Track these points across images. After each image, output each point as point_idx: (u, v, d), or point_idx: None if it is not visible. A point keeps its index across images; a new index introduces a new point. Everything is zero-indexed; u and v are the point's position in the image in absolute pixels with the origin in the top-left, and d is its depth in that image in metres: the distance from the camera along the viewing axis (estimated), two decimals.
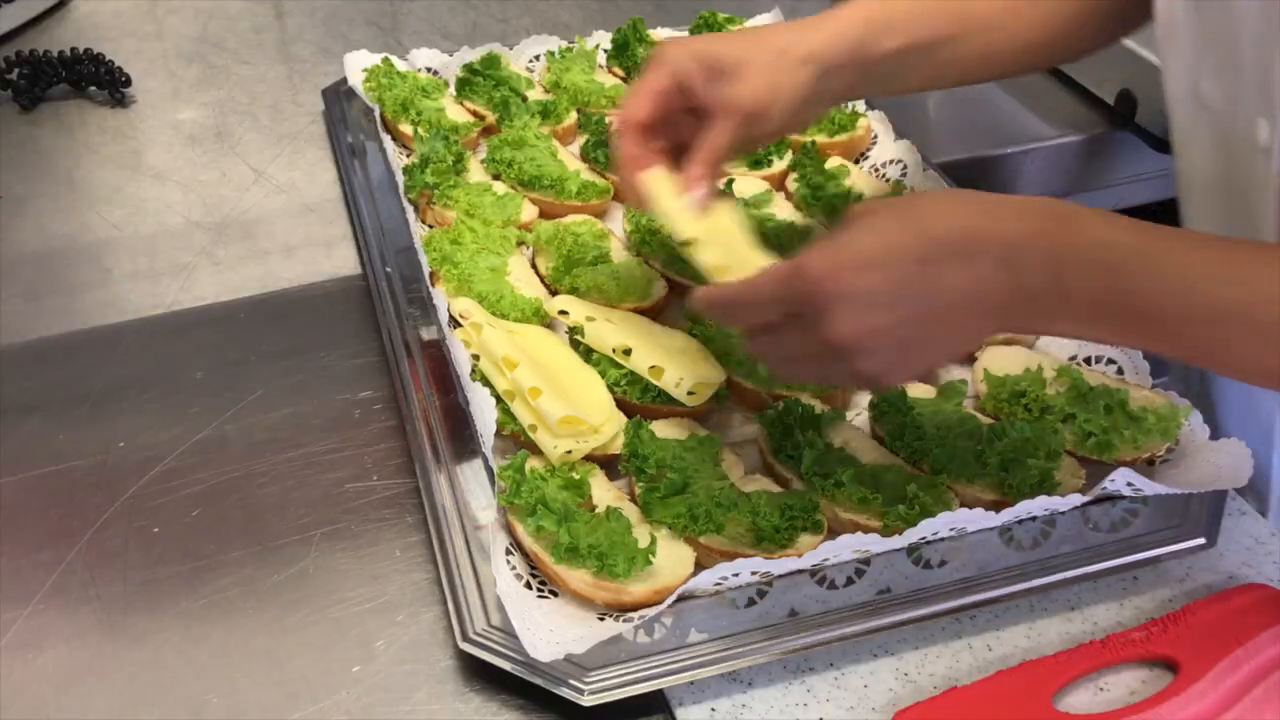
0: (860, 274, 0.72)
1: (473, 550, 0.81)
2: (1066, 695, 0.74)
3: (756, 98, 0.88)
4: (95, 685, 0.77)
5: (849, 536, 0.77)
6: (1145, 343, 0.76)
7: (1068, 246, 0.72)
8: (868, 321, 0.72)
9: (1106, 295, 0.71)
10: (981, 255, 0.72)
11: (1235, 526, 0.85)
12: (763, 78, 0.88)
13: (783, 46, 0.89)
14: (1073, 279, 0.71)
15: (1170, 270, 0.71)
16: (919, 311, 0.73)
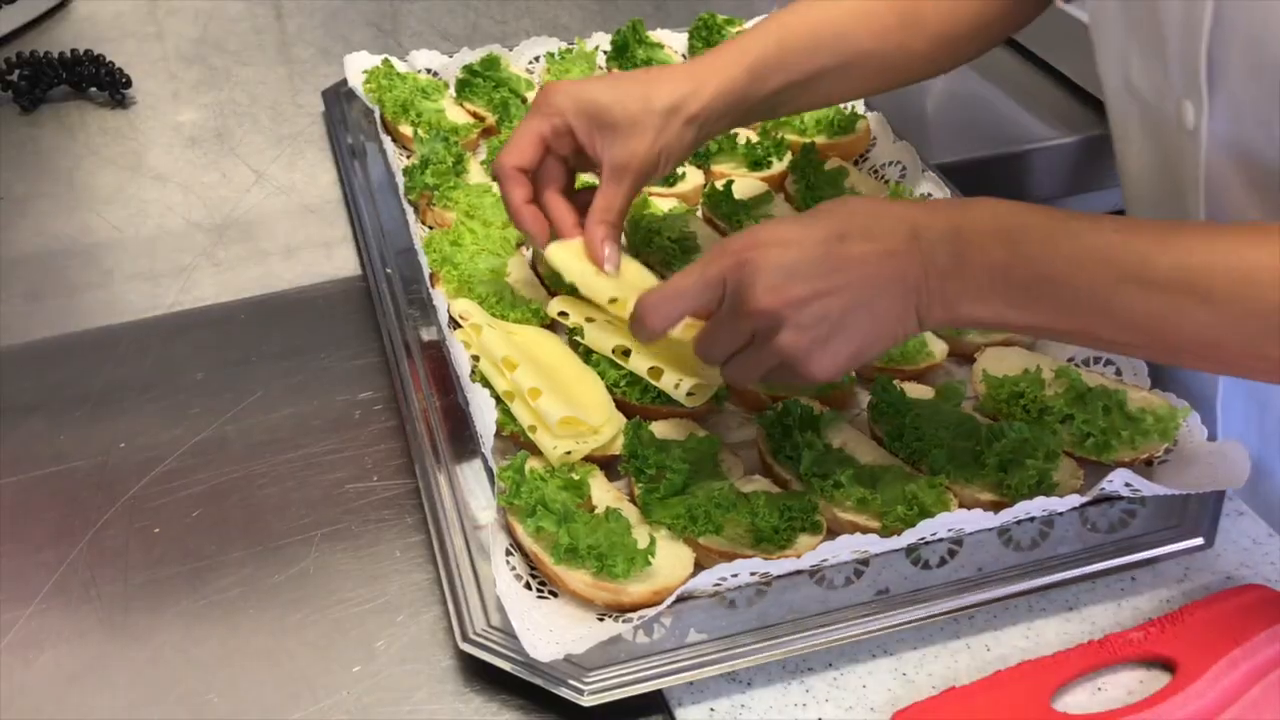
0: (775, 249, 0.76)
1: (472, 551, 0.81)
2: (1065, 695, 0.74)
3: (647, 159, 0.92)
4: (96, 685, 0.77)
5: (848, 537, 0.77)
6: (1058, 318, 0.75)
7: (969, 221, 0.76)
8: (786, 291, 0.75)
9: (1010, 264, 0.74)
10: (887, 234, 0.76)
11: (1233, 527, 0.85)
12: (651, 139, 0.91)
13: (670, 105, 0.92)
14: (975, 251, 0.74)
15: (1075, 234, 0.73)
16: (834, 283, 0.75)
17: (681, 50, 1.45)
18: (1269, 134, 0.82)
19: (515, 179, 0.93)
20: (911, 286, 0.75)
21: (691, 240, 1.10)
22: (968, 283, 0.75)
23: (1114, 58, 0.95)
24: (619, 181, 0.92)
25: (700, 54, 1.00)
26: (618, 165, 0.92)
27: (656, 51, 1.40)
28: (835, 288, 0.75)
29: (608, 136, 0.91)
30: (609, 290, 0.91)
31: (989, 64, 1.19)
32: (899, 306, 0.76)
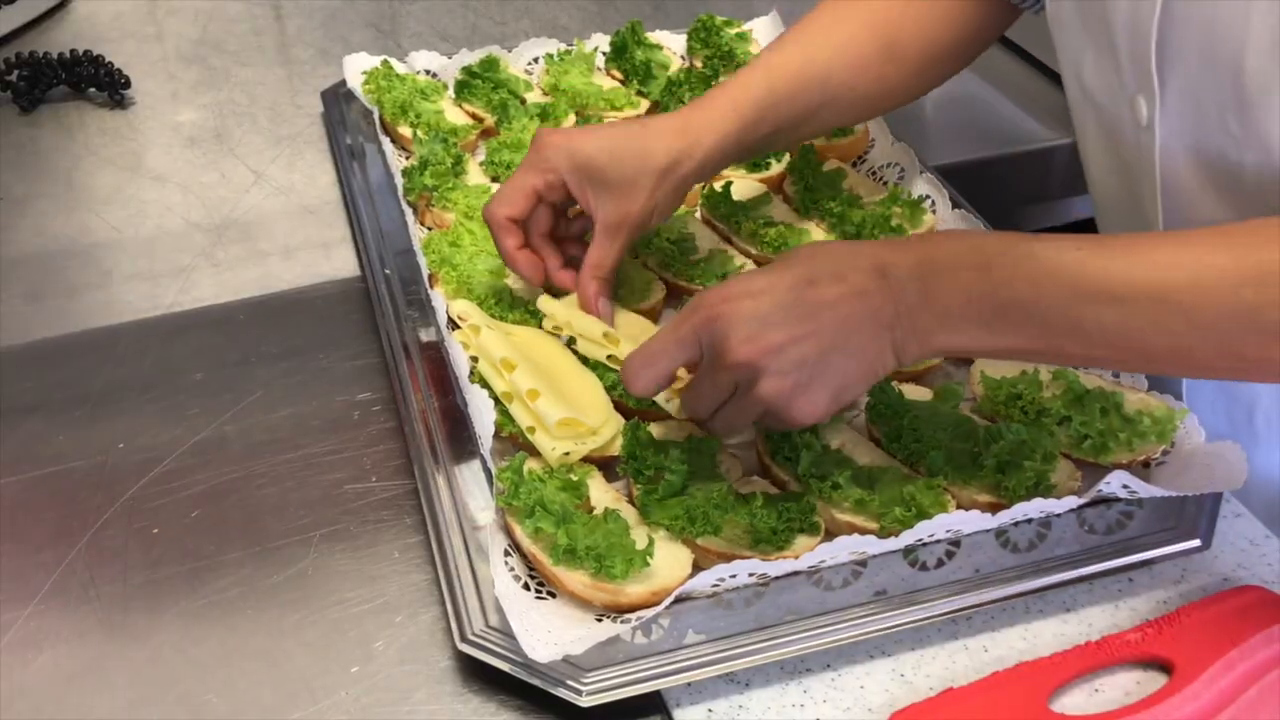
0: (746, 300, 0.78)
1: (471, 551, 0.81)
2: (1062, 696, 0.74)
3: (641, 217, 0.95)
4: (95, 685, 0.77)
5: (846, 538, 0.77)
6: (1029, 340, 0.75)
7: (934, 254, 0.77)
8: (762, 340, 0.76)
9: (978, 291, 0.74)
10: (855, 275, 0.77)
11: (1230, 529, 0.86)
12: (645, 198, 0.94)
13: (664, 165, 0.94)
14: (943, 282, 0.75)
15: (1038, 256, 0.74)
16: (808, 328, 0.76)
17: (680, 51, 1.45)
18: (1220, 125, 0.83)
19: (507, 228, 0.96)
20: (885, 324, 0.76)
21: (690, 242, 1.10)
22: (939, 314, 0.75)
23: (1070, 58, 0.96)
24: (612, 239, 0.95)
25: (694, 100, 1.01)
26: (612, 224, 0.94)
27: (655, 52, 1.40)
28: (810, 332, 0.76)
29: (602, 195, 0.94)
30: (599, 328, 0.94)
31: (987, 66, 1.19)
32: (875, 345, 0.77)
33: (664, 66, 1.39)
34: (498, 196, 0.96)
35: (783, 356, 0.76)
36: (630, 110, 1.32)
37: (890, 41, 1.02)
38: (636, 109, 1.33)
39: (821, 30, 1.02)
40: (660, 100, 1.32)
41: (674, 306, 1.05)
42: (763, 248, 1.10)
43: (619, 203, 0.94)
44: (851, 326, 0.76)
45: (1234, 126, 0.81)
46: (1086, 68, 0.94)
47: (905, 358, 0.77)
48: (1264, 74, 0.78)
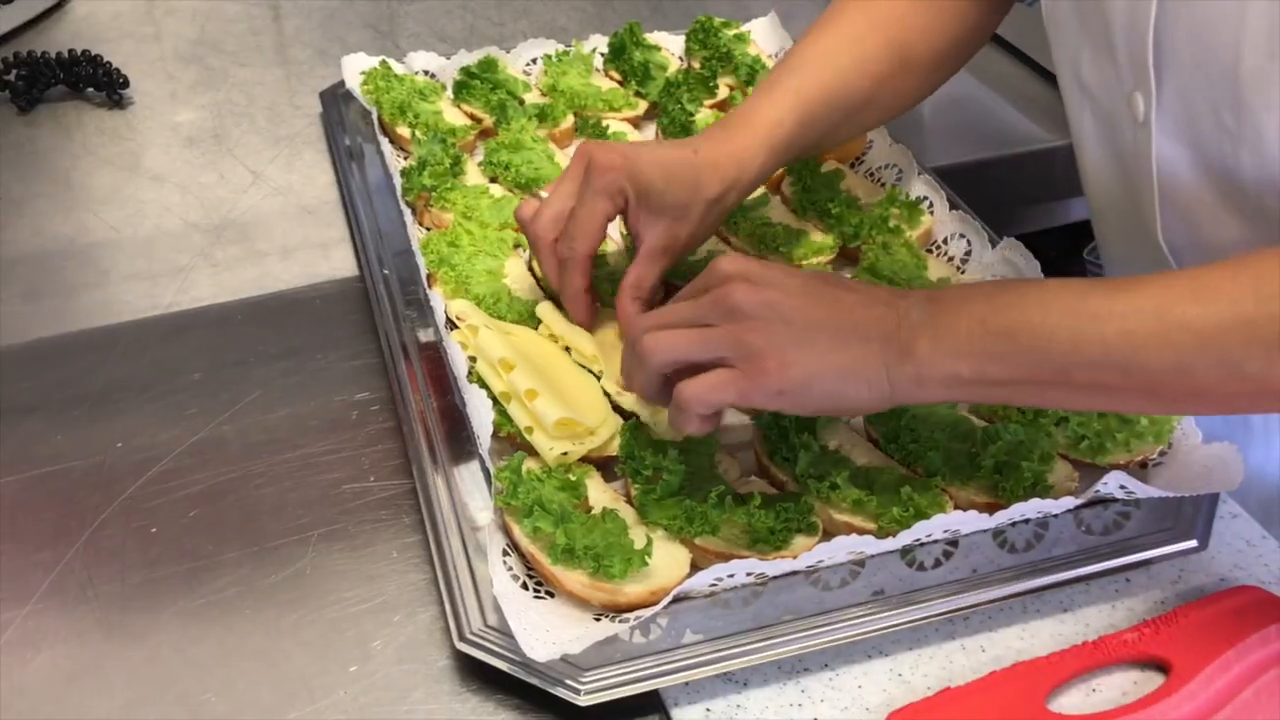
0: (766, 267, 0.79)
1: (469, 551, 0.81)
2: (1059, 696, 0.75)
3: (688, 243, 0.97)
4: (93, 685, 0.77)
5: (844, 538, 0.77)
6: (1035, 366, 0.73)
7: (945, 292, 0.78)
8: (766, 293, 0.76)
9: (981, 316, 0.73)
10: (868, 291, 0.79)
11: (1227, 529, 0.86)
12: (693, 225, 0.96)
13: (716, 196, 0.96)
14: (950, 308, 0.75)
15: (1045, 286, 0.74)
16: (811, 306, 0.76)
17: (678, 52, 1.45)
18: (1216, 122, 0.83)
19: (585, 267, 0.95)
20: (880, 337, 0.75)
21: None
22: (944, 337, 0.74)
23: (1066, 56, 0.97)
24: (656, 261, 0.95)
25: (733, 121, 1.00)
26: (658, 248, 0.95)
27: (653, 53, 1.40)
28: (809, 306, 0.77)
29: (653, 219, 0.94)
30: (590, 347, 0.96)
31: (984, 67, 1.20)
32: (863, 352, 0.75)
33: (662, 67, 1.39)
34: (574, 233, 0.93)
35: (775, 308, 0.76)
36: (628, 111, 1.32)
37: (904, 52, 1.03)
38: (635, 110, 1.33)
39: (843, 47, 1.02)
40: (659, 101, 1.32)
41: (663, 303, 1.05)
42: (761, 248, 1.10)
43: (669, 227, 0.94)
44: (849, 324, 0.76)
45: (1230, 124, 0.82)
46: (1084, 65, 0.94)
47: (898, 384, 0.75)
48: (1259, 72, 0.78)
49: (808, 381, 0.75)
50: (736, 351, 0.76)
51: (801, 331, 0.76)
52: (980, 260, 1.07)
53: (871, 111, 1.05)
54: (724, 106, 1.35)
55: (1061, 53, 0.98)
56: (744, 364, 0.76)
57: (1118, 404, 0.79)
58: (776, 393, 0.76)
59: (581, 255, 0.94)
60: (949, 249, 1.11)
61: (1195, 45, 0.82)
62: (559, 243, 0.94)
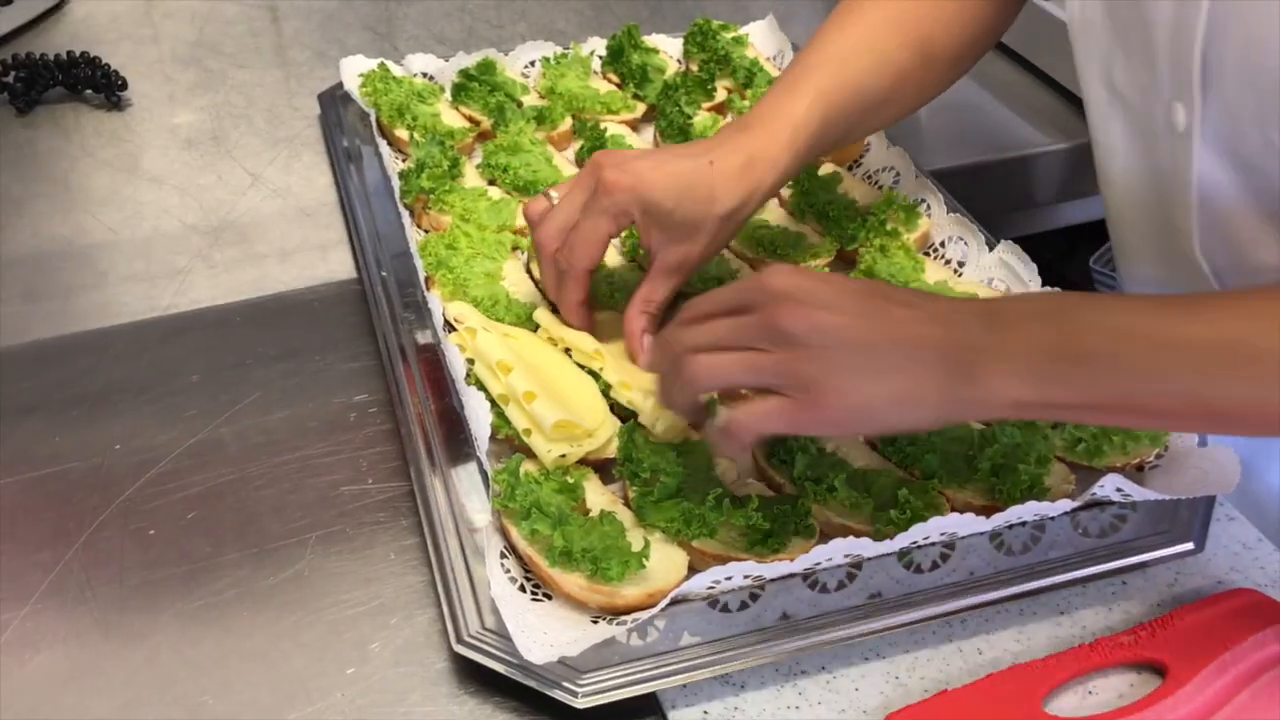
0: (816, 283, 0.75)
1: (467, 553, 0.82)
2: (1056, 698, 0.75)
3: (701, 259, 0.96)
4: (92, 686, 0.78)
5: (841, 541, 0.77)
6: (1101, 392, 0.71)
7: (1004, 304, 0.75)
8: (817, 316, 0.72)
9: (1046, 340, 0.71)
10: (924, 304, 0.75)
11: (1223, 532, 0.86)
12: (706, 242, 0.94)
13: (730, 210, 0.93)
14: (1010, 328, 0.72)
15: (1111, 309, 0.72)
16: (865, 327, 0.73)
17: (677, 55, 1.45)
18: (1264, 137, 0.81)
19: (584, 282, 0.95)
20: (937, 357, 0.72)
21: None
22: (1006, 359, 0.71)
23: (1096, 59, 0.95)
24: (669, 278, 0.95)
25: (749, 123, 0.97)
26: (671, 265, 0.94)
27: (651, 56, 1.41)
28: (865, 330, 0.72)
29: (665, 236, 0.93)
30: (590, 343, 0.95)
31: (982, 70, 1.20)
32: (920, 373, 0.72)
33: (660, 70, 1.39)
34: (574, 247, 0.93)
35: (831, 335, 0.72)
36: (627, 113, 1.32)
37: (924, 48, 1.01)
38: (633, 112, 1.33)
39: (863, 45, 1.00)
40: (657, 104, 1.32)
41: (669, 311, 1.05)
42: (758, 250, 1.10)
43: (682, 245, 0.93)
44: (905, 340, 0.72)
45: (1276, 139, 0.80)
46: (1116, 70, 0.92)
47: (956, 398, 0.72)
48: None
49: (862, 411, 0.73)
50: (789, 381, 0.73)
51: (856, 358, 0.72)
52: (977, 263, 1.07)
53: (891, 108, 1.03)
54: (722, 109, 1.35)
55: (1089, 56, 0.96)
56: (797, 394, 0.73)
57: (1182, 427, 0.80)
58: (832, 424, 0.75)
59: (579, 270, 0.94)
60: (946, 252, 1.11)
61: (1246, 59, 0.79)
62: (559, 253, 0.94)
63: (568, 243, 0.93)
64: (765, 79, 1.36)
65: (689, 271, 0.96)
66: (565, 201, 0.94)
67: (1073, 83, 1.43)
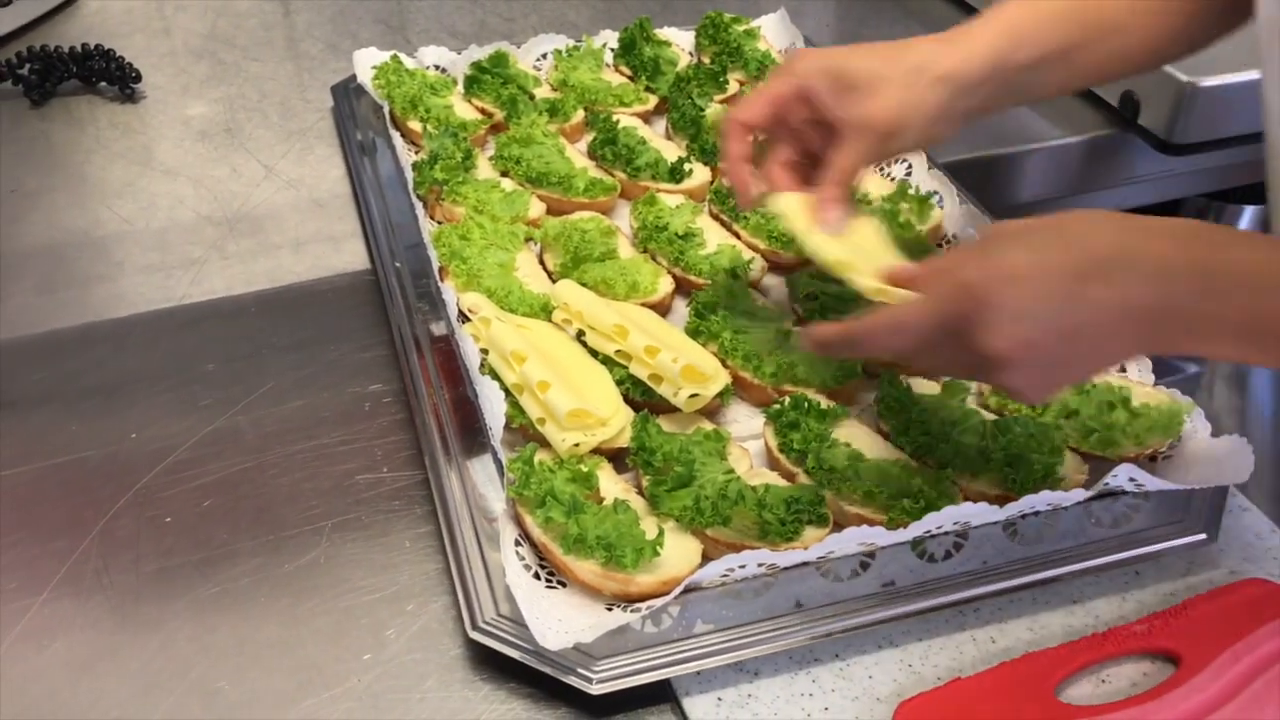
0: (1014, 285, 0.71)
1: (482, 541, 0.82)
2: (1069, 686, 0.75)
3: (889, 117, 0.87)
4: (108, 672, 0.78)
5: (854, 530, 0.78)
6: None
7: (1218, 265, 0.71)
8: (1020, 335, 0.71)
9: (1258, 313, 0.70)
10: (1132, 270, 0.71)
11: (1236, 523, 0.86)
12: (896, 95, 0.87)
13: (918, 63, 0.88)
14: (1222, 298, 0.70)
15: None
16: (1070, 327, 0.71)
17: (688, 47, 1.45)
18: None
19: (738, 134, 0.92)
20: (1146, 322, 0.71)
21: (698, 235, 1.10)
22: (1217, 326, 0.71)
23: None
24: (859, 140, 0.88)
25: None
26: (858, 123, 0.88)
27: (663, 49, 1.41)
28: (1069, 331, 0.71)
29: (849, 95, 0.88)
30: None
31: None
32: (1128, 344, 0.74)
33: (672, 63, 1.40)
34: (740, 101, 0.92)
35: (1036, 352, 0.71)
36: (639, 106, 1.32)
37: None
38: (645, 105, 1.33)
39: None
40: (669, 96, 1.32)
41: (683, 300, 1.05)
42: (770, 242, 1.10)
43: (866, 101, 0.87)
44: (1112, 333, 0.72)
45: None
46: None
47: (1147, 353, 0.76)
48: None
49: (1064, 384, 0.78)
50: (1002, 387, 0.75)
51: (1064, 367, 0.74)
52: None
53: (1132, 42, 0.94)
54: (733, 101, 1.35)
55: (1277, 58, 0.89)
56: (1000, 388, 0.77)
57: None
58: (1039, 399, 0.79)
59: (735, 120, 0.91)
60: (959, 244, 1.11)
61: None
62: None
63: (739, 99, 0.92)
64: None
65: (880, 134, 0.88)
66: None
67: None
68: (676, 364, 0.90)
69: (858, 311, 0.91)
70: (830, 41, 1.57)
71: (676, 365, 0.90)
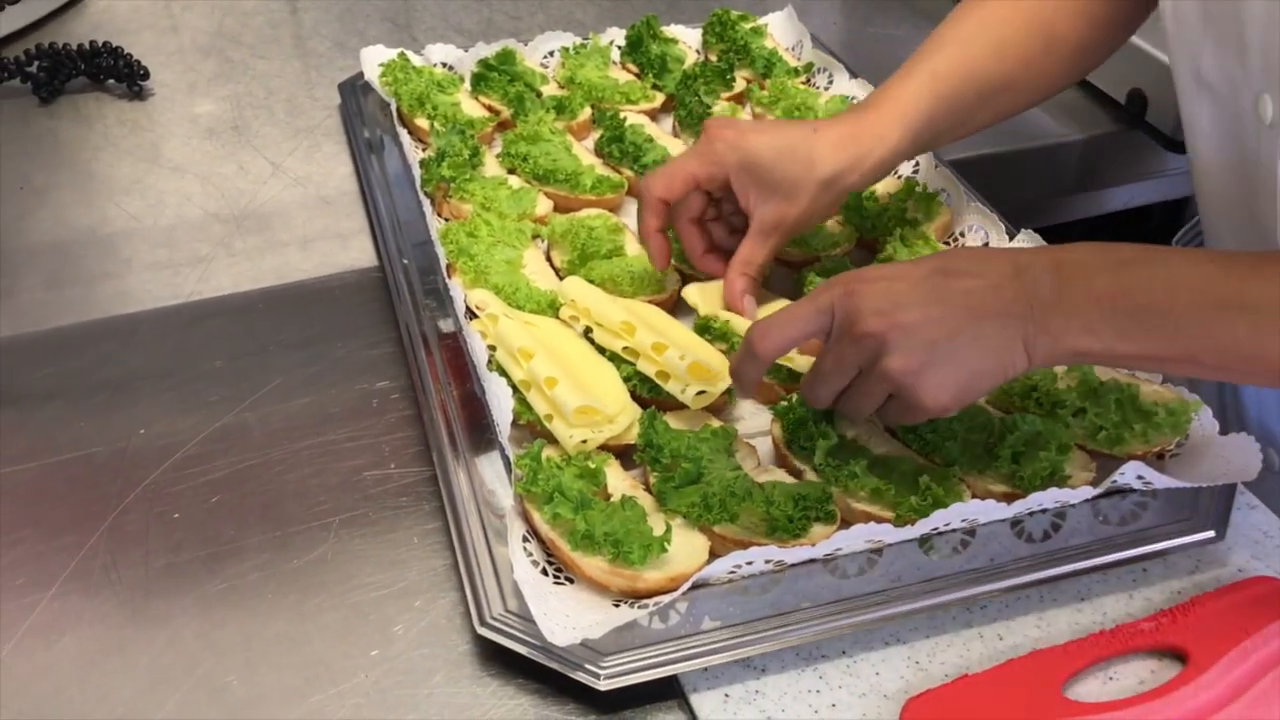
0: (881, 281, 0.78)
1: (490, 537, 0.82)
2: (1076, 684, 0.75)
3: (797, 223, 0.97)
4: (116, 667, 0.78)
5: (861, 526, 0.77)
6: (1163, 346, 0.75)
7: (1069, 256, 0.77)
8: (894, 315, 0.76)
9: (1115, 294, 0.74)
10: (989, 270, 0.77)
11: (1244, 520, 0.86)
12: (804, 204, 0.96)
13: (832, 176, 0.96)
14: (1078, 283, 0.75)
15: (1173, 264, 0.74)
16: (940, 311, 0.76)
17: (695, 45, 1.45)
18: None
19: (656, 208, 0.99)
20: (1016, 318, 0.76)
21: None
22: (1074, 314, 0.75)
23: (1186, 48, 0.94)
24: (765, 239, 0.97)
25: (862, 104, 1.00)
26: (768, 225, 0.96)
27: (670, 46, 1.41)
28: (941, 315, 0.76)
29: (763, 195, 0.95)
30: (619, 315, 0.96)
31: None
32: (1005, 338, 0.76)
33: (679, 60, 1.40)
34: (656, 174, 0.97)
35: (912, 335, 0.76)
36: (645, 103, 1.32)
37: (1048, 36, 1.01)
38: (652, 102, 1.33)
39: (981, 29, 1.01)
40: (676, 94, 1.33)
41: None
42: None
43: (779, 206, 0.95)
44: (983, 315, 0.76)
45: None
46: (1204, 60, 0.92)
47: (1035, 356, 0.76)
48: None
49: (965, 390, 0.78)
50: (895, 389, 0.78)
51: (943, 351, 0.76)
52: None
53: (1012, 94, 1.03)
54: (741, 99, 1.35)
55: (1179, 45, 0.95)
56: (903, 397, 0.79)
57: (1247, 381, 0.82)
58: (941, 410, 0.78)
59: (651, 196, 0.97)
60: (966, 241, 1.11)
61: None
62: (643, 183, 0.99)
63: (653, 172, 0.98)
64: (784, 69, 1.36)
65: (786, 234, 0.97)
66: (674, 158, 0.99)
67: (1093, 75, 1.43)
68: (684, 361, 0.90)
69: None
70: (838, 39, 1.57)
71: (684, 362, 0.90)
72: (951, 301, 0.76)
